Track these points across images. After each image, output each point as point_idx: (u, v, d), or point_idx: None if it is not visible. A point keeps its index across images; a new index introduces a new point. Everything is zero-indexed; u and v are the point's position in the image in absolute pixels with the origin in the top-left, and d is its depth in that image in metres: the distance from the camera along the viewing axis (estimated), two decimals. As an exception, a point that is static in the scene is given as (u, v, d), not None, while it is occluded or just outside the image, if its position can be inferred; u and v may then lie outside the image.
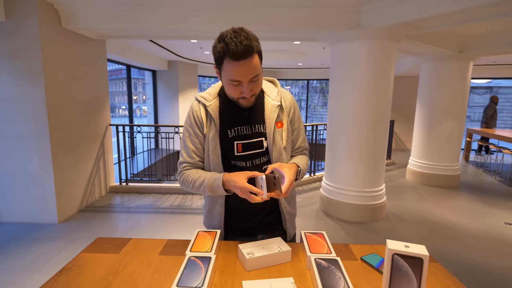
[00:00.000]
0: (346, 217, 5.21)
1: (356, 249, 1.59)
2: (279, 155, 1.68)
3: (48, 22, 4.57)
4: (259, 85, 1.56)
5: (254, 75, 1.47)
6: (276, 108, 1.68)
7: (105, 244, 1.62)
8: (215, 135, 1.65)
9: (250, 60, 1.43)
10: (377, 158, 5.10)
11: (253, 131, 1.67)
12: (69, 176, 5.14)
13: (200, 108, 1.69)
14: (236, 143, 1.66)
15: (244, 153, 1.67)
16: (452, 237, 4.71)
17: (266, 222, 1.78)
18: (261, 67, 1.54)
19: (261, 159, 1.69)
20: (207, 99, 1.69)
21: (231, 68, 1.45)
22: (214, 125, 1.65)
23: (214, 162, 1.67)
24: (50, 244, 4.21)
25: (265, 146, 1.68)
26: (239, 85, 1.50)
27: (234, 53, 1.39)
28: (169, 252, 1.53)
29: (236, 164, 1.68)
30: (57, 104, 4.78)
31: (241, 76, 1.46)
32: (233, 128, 1.66)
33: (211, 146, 1.65)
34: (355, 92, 4.91)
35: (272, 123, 1.66)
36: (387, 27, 4.49)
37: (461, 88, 6.99)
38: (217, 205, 1.74)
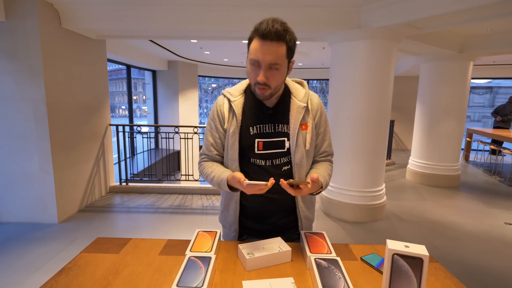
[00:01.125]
0: (346, 217, 5.21)
1: (356, 249, 1.59)
2: (301, 158, 1.66)
3: (48, 22, 4.57)
4: (277, 79, 1.53)
5: (274, 61, 1.46)
6: (302, 110, 1.65)
7: (105, 244, 1.62)
8: (235, 131, 1.65)
9: (275, 44, 1.44)
10: (377, 158, 5.10)
11: (276, 130, 1.66)
12: (69, 176, 5.14)
13: (225, 102, 1.71)
14: (257, 140, 1.65)
15: (265, 151, 1.66)
16: (452, 237, 4.71)
17: (282, 225, 1.77)
18: (287, 64, 1.54)
19: (282, 159, 1.68)
20: (233, 94, 1.71)
21: (255, 47, 1.47)
22: (235, 120, 1.66)
23: (231, 157, 1.67)
24: (50, 244, 4.21)
25: (287, 147, 1.66)
26: (257, 68, 1.50)
27: (262, 32, 1.43)
28: (169, 252, 1.53)
29: (256, 162, 1.67)
30: (57, 104, 4.78)
31: (261, 55, 1.45)
32: (255, 126, 1.66)
33: (230, 141, 1.66)
34: (355, 92, 4.91)
35: (296, 124, 1.64)
36: (387, 27, 4.49)
37: (461, 88, 6.99)
38: (232, 202, 1.74)
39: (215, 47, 9.19)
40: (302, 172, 1.68)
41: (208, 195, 6.32)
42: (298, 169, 1.67)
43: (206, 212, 5.42)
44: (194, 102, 12.29)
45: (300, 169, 1.67)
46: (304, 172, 1.70)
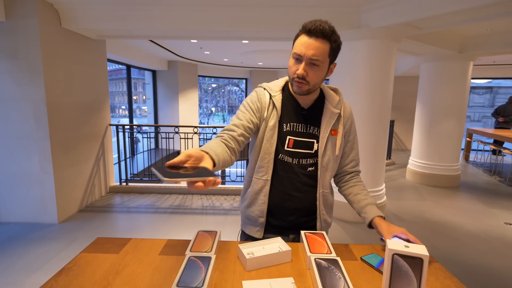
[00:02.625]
0: (346, 217, 5.20)
1: (356, 249, 1.59)
2: (328, 162, 1.71)
3: (48, 22, 4.57)
4: (317, 75, 1.56)
5: (315, 56, 1.49)
6: (334, 116, 1.70)
7: (105, 244, 1.62)
8: (275, 124, 1.68)
9: (319, 41, 1.48)
10: (377, 158, 5.10)
11: (307, 131, 1.70)
12: (69, 176, 5.14)
13: (266, 94, 1.73)
14: (289, 138, 1.69)
15: (294, 149, 1.69)
16: (452, 237, 4.71)
17: (300, 224, 1.79)
18: (328, 63, 1.57)
19: (308, 160, 1.71)
20: (273, 89, 1.74)
21: (299, 41, 1.52)
22: (276, 114, 1.69)
23: (267, 150, 1.69)
24: (50, 244, 4.21)
25: (315, 149, 1.70)
26: (298, 61, 1.54)
27: (309, 28, 1.48)
28: (169, 252, 1.53)
29: (283, 158, 1.70)
30: (57, 104, 4.78)
31: (304, 49, 1.49)
32: (289, 123, 1.70)
33: (268, 134, 1.68)
34: (355, 92, 4.91)
35: (327, 129, 1.69)
36: (387, 27, 4.49)
37: (461, 88, 7.00)
38: (261, 195, 1.75)
39: (215, 47, 9.19)
40: (327, 175, 1.74)
41: (208, 195, 6.32)
42: (323, 172, 1.72)
43: (206, 212, 5.42)
44: (194, 102, 12.31)
45: (325, 173, 1.72)
46: (329, 176, 1.76)
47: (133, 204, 5.78)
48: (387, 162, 8.90)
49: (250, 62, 12.35)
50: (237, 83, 29.42)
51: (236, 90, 31.78)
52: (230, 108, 32.46)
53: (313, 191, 1.74)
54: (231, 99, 32.80)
